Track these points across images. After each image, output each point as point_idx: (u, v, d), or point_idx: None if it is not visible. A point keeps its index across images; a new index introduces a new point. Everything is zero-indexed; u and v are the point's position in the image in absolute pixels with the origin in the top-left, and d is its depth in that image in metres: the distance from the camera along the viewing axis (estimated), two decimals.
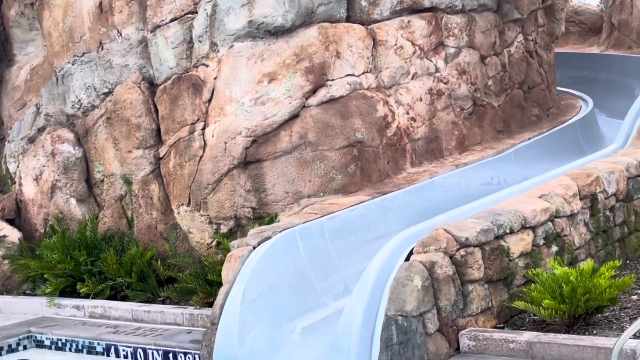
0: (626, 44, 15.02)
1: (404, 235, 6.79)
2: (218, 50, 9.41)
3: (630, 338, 4.37)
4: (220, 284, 7.63)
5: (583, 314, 6.05)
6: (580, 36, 15.80)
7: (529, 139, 10.56)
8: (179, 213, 9.59)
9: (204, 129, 9.43)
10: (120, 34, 10.08)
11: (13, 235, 10.55)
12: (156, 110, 9.90)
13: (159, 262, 9.28)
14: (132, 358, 7.92)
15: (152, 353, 7.68)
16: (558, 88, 12.87)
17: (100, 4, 10.29)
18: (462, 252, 6.24)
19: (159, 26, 9.76)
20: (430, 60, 9.96)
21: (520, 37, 11.35)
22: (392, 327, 5.80)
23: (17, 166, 11.31)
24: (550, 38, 11.96)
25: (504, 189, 8.53)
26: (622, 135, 10.09)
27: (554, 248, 7.03)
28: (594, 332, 5.99)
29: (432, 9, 10.07)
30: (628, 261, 7.93)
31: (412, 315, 5.78)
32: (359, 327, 5.94)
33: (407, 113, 9.70)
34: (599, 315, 6.26)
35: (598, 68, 14.49)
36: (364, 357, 5.85)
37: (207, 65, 9.47)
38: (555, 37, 12.18)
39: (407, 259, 6.19)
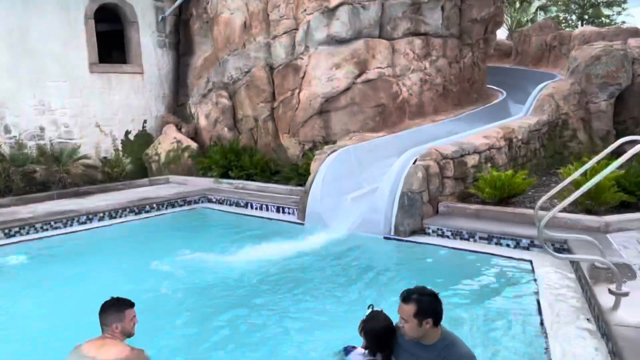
0: (525, 62, 15.61)
1: (410, 152, 7.60)
2: (309, 50, 10.17)
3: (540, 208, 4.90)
4: (306, 176, 8.63)
5: (506, 197, 7.05)
6: (499, 57, 16.27)
7: (472, 110, 11.14)
8: (283, 137, 10.60)
9: (299, 93, 10.26)
10: (255, 39, 10.90)
11: (193, 145, 11.75)
12: (273, 82, 10.78)
13: (271, 163, 10.39)
14: (259, 209, 8.92)
15: (270, 207, 8.77)
16: (487, 85, 13.18)
17: (245, 23, 11.13)
18: (443, 161, 7.22)
19: (276, 36, 10.58)
20: (422, 63, 10.62)
21: (470, 54, 11.71)
22: (405, 197, 6.87)
23: (196, 110, 12.30)
24: (485, 56, 12.29)
25: (459, 134, 8.85)
26: (525, 109, 10.60)
27: (489, 165, 7.90)
28: (511, 206, 6.92)
29: (425, 34, 10.64)
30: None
31: (416, 192, 6.85)
32: (387, 196, 6.97)
33: (408, 91, 10.42)
34: (514, 200, 7.20)
35: (509, 75, 14.85)
36: (388, 212, 6.91)
37: (302, 58, 10.24)
38: (487, 55, 12.44)
39: (414, 163, 7.15)
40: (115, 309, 3.37)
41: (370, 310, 3.23)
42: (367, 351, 3.24)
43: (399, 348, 3.11)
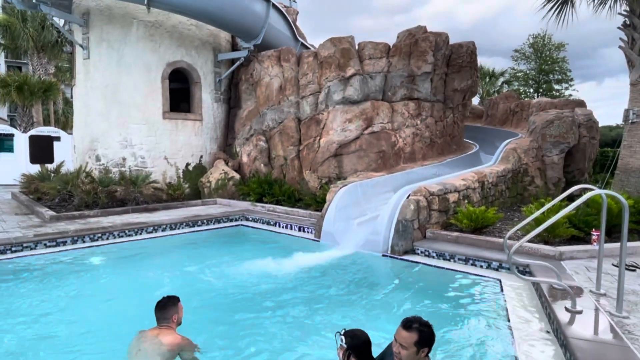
0: (493, 123, 15.19)
1: (404, 189, 7.53)
2: (328, 108, 10.13)
3: (508, 238, 4.78)
4: (322, 203, 8.51)
5: (479, 227, 6.79)
6: (473, 118, 15.89)
7: (453, 158, 10.87)
8: (305, 173, 10.45)
9: (319, 139, 10.25)
10: (287, 98, 10.88)
11: (236, 176, 11.36)
12: (300, 130, 10.72)
13: (296, 192, 10.04)
14: (285, 228, 8.49)
15: (294, 226, 8.38)
16: (464, 139, 12.88)
17: (280, 86, 11.07)
18: (430, 197, 6.98)
19: (304, 96, 10.61)
20: (414, 120, 10.40)
21: (451, 115, 11.46)
22: (400, 224, 6.62)
23: (240, 149, 12.07)
24: (463, 117, 12.06)
25: (443, 176, 8.73)
26: (494, 159, 10.38)
27: (466, 201, 7.61)
28: (484, 235, 6.65)
29: (417, 99, 10.44)
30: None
31: (408, 220, 6.61)
32: (386, 222, 6.76)
33: (403, 141, 10.26)
34: (485, 230, 6.92)
35: (481, 132, 14.46)
36: (386, 235, 6.66)
37: (323, 114, 10.20)
38: (464, 116, 12.15)
39: (408, 197, 6.92)
40: (172, 303, 3.30)
41: (338, 335, 2.80)
42: None
43: None
